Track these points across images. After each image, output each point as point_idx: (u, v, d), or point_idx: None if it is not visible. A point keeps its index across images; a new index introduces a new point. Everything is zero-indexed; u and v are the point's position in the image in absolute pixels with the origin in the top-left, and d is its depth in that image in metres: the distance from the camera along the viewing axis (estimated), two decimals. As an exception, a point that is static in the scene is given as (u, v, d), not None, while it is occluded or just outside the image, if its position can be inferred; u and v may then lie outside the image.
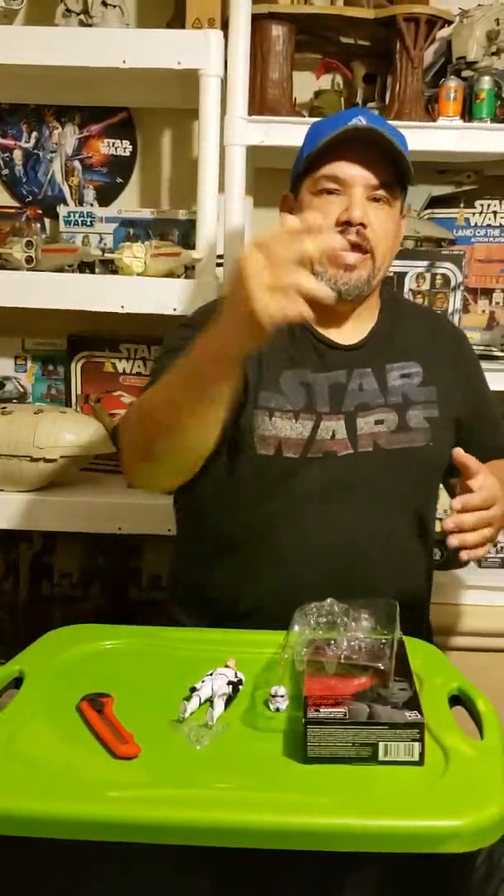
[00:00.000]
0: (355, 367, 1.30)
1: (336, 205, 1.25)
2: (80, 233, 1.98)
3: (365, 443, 1.27)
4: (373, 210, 1.26)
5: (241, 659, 1.07)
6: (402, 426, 1.29)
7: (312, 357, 1.30)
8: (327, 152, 1.25)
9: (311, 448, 1.26)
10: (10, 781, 0.88)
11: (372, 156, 1.24)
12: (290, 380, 1.28)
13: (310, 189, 1.28)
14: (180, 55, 1.67)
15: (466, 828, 0.83)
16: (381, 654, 1.01)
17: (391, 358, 1.32)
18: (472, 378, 1.42)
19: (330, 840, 0.84)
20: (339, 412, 1.28)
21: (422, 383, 1.32)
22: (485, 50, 1.81)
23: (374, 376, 1.30)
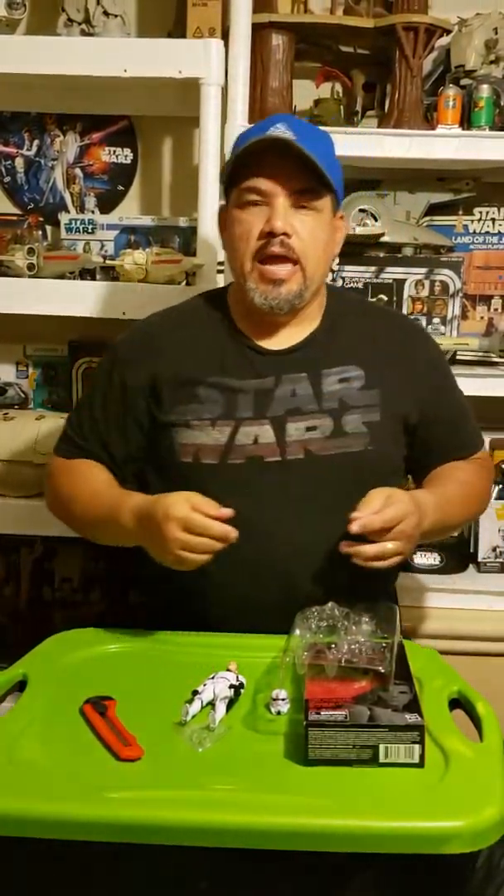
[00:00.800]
0: (287, 373, 1.29)
1: (260, 216, 1.23)
2: (81, 240, 1.99)
3: (295, 449, 1.27)
4: (298, 218, 1.24)
5: (242, 662, 1.08)
6: (337, 432, 1.27)
7: (242, 364, 1.30)
8: (248, 164, 1.23)
9: (231, 454, 1.26)
10: (15, 783, 0.89)
11: (292, 164, 1.22)
12: (212, 387, 1.29)
13: (235, 202, 1.27)
14: (181, 64, 1.69)
15: (466, 829, 0.84)
16: (382, 657, 1.02)
17: (329, 363, 1.31)
18: (429, 378, 1.37)
19: (331, 841, 0.85)
20: (264, 417, 1.27)
21: (363, 387, 1.30)
22: (483, 58, 1.82)
23: (308, 381, 1.29)
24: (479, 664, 1.68)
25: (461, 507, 1.35)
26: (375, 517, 1.12)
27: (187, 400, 1.28)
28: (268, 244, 1.23)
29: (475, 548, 1.93)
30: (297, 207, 1.24)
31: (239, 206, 1.26)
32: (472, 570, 1.92)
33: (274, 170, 1.23)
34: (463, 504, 1.35)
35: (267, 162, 1.23)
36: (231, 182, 1.27)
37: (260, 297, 1.26)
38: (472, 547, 1.94)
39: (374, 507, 1.13)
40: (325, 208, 1.27)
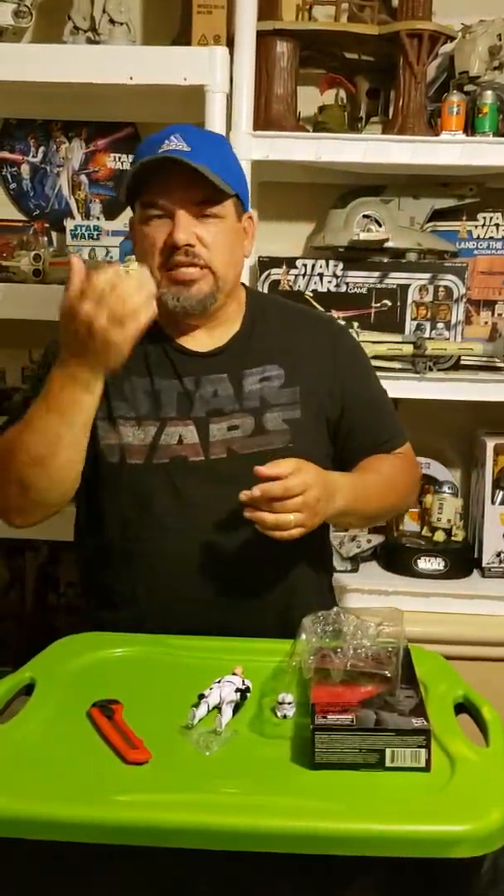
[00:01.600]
0: (208, 374, 1.31)
1: (162, 229, 1.25)
2: (86, 246, 2.00)
3: (218, 449, 1.28)
4: (202, 227, 1.25)
5: (248, 667, 1.09)
6: (258, 430, 1.29)
7: (165, 364, 1.32)
8: (145, 180, 1.25)
9: (156, 454, 1.27)
10: (23, 786, 0.89)
11: (187, 177, 1.23)
12: (137, 387, 1.30)
13: (139, 218, 1.29)
14: (186, 71, 1.70)
15: (472, 833, 0.84)
16: (388, 661, 1.02)
17: (249, 363, 1.33)
18: (345, 374, 1.38)
19: (337, 844, 0.85)
20: (188, 417, 1.29)
21: (283, 385, 1.32)
22: (487, 65, 1.83)
23: (229, 382, 1.31)
24: (484, 669, 1.69)
25: (379, 496, 1.34)
26: (276, 484, 1.13)
27: (113, 398, 1.29)
28: (173, 255, 1.25)
29: (479, 553, 1.93)
30: (200, 216, 1.26)
31: (142, 221, 1.28)
32: (476, 575, 1.93)
33: (169, 185, 1.24)
34: (382, 493, 1.35)
35: (164, 176, 1.24)
36: (132, 196, 1.29)
37: (172, 300, 1.27)
38: (476, 552, 1.94)
39: (279, 471, 1.13)
40: (227, 214, 1.29)
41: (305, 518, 1.15)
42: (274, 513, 1.13)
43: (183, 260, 1.25)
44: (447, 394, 1.80)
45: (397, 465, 1.41)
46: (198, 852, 0.85)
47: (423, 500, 1.98)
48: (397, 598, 1.82)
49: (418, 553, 1.91)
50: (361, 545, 1.94)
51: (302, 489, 1.14)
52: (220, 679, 1.05)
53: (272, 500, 1.13)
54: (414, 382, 1.80)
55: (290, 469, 1.14)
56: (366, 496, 1.31)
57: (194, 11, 1.75)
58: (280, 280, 1.88)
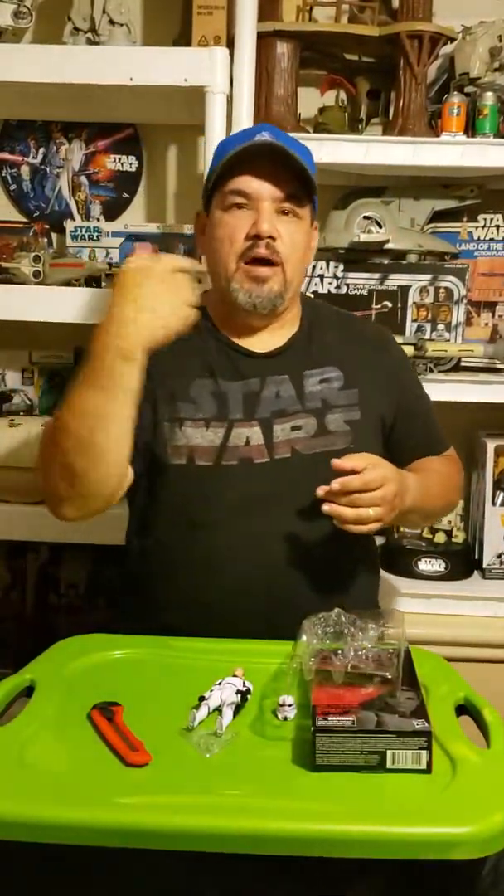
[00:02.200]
0: (271, 375, 1.32)
1: (244, 219, 1.27)
2: (86, 247, 2.00)
3: (282, 450, 1.29)
4: (282, 223, 1.27)
5: (248, 668, 1.09)
6: (321, 430, 1.30)
7: (227, 366, 1.32)
8: (233, 168, 1.27)
9: (225, 455, 1.28)
10: (23, 788, 0.89)
11: (277, 170, 1.26)
12: (202, 389, 1.30)
13: (219, 205, 1.30)
14: (187, 72, 1.69)
15: (473, 835, 0.84)
16: (388, 663, 1.02)
17: (309, 364, 1.34)
18: (398, 379, 1.42)
19: (337, 847, 0.85)
20: (253, 419, 1.29)
21: (342, 387, 1.33)
22: (487, 66, 1.83)
23: (290, 383, 1.32)
24: (485, 670, 1.68)
25: (439, 495, 1.39)
26: (355, 477, 1.14)
27: (179, 398, 1.30)
28: (253, 246, 1.26)
29: (480, 554, 1.93)
30: (281, 213, 1.28)
31: (223, 208, 1.29)
32: (476, 576, 1.92)
33: (261, 174, 1.26)
34: (440, 493, 1.39)
35: (254, 167, 1.26)
36: (215, 186, 1.30)
37: (244, 296, 1.29)
38: (476, 554, 1.94)
39: (356, 465, 1.14)
40: (305, 216, 1.31)
41: (384, 512, 1.16)
42: (354, 507, 1.14)
43: (262, 252, 1.26)
44: (448, 395, 1.79)
45: (449, 466, 1.46)
46: (198, 855, 0.85)
47: (424, 502, 1.98)
48: (398, 600, 1.82)
49: (419, 554, 1.91)
50: (362, 546, 1.94)
51: (380, 483, 1.15)
52: (220, 681, 1.04)
53: (351, 493, 1.13)
54: (414, 384, 1.80)
55: (365, 463, 1.15)
56: (429, 494, 1.34)
57: (194, 12, 1.75)
58: (280, 281, 1.88)
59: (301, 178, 1.28)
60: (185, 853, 0.85)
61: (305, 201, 1.30)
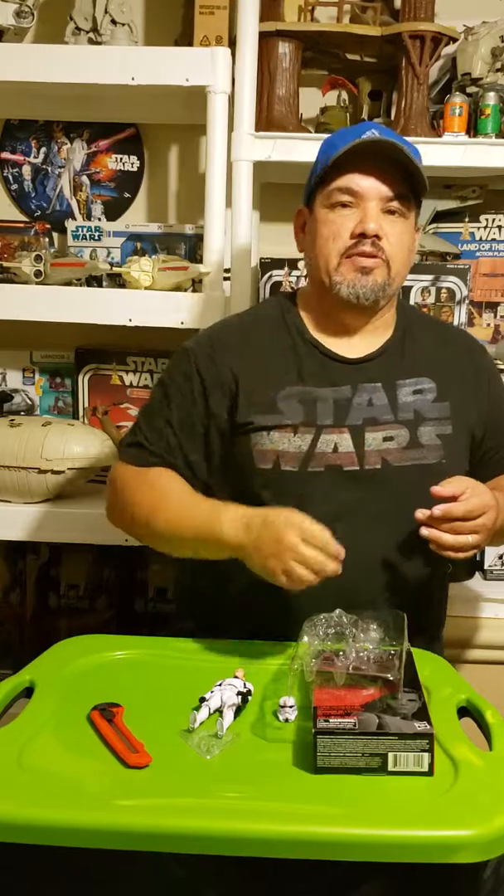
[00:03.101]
0: (363, 382, 1.30)
1: (350, 218, 1.26)
2: (87, 247, 2.00)
3: (373, 459, 1.27)
4: (388, 222, 1.26)
5: (249, 669, 1.08)
6: (413, 443, 1.27)
7: (318, 371, 1.30)
8: (340, 165, 1.25)
9: (311, 461, 1.25)
10: (22, 790, 0.88)
11: (385, 168, 1.24)
12: (291, 396, 1.28)
13: (323, 203, 1.28)
14: (188, 72, 1.69)
15: (475, 839, 0.83)
16: (390, 664, 1.02)
17: (403, 374, 1.31)
18: (490, 391, 1.38)
19: (338, 850, 0.84)
20: (343, 426, 1.27)
21: (435, 399, 1.31)
22: (489, 66, 1.82)
23: (384, 391, 1.30)
24: (486, 672, 1.68)
25: None
26: (458, 504, 1.13)
27: (266, 405, 1.27)
28: (358, 244, 1.25)
29: (482, 556, 1.92)
30: (386, 213, 1.26)
31: (328, 206, 1.27)
32: (478, 577, 1.92)
33: (369, 170, 1.25)
34: None
35: (362, 165, 1.25)
36: (319, 182, 1.28)
37: (347, 288, 1.26)
38: (478, 555, 1.94)
39: (456, 490, 1.13)
40: (411, 216, 1.30)
41: (482, 539, 1.15)
42: (454, 533, 1.13)
43: (367, 250, 1.25)
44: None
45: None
46: (198, 857, 0.84)
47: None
48: (399, 601, 1.81)
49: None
50: (363, 548, 1.93)
51: (482, 511, 1.13)
52: (221, 682, 1.04)
53: (452, 525, 1.12)
54: (416, 384, 1.79)
55: (465, 488, 1.14)
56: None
57: (196, 12, 1.75)
58: (282, 281, 1.88)
59: (408, 178, 1.26)
60: (185, 855, 0.84)
61: (412, 201, 1.29)
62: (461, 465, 1.27)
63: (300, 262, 1.87)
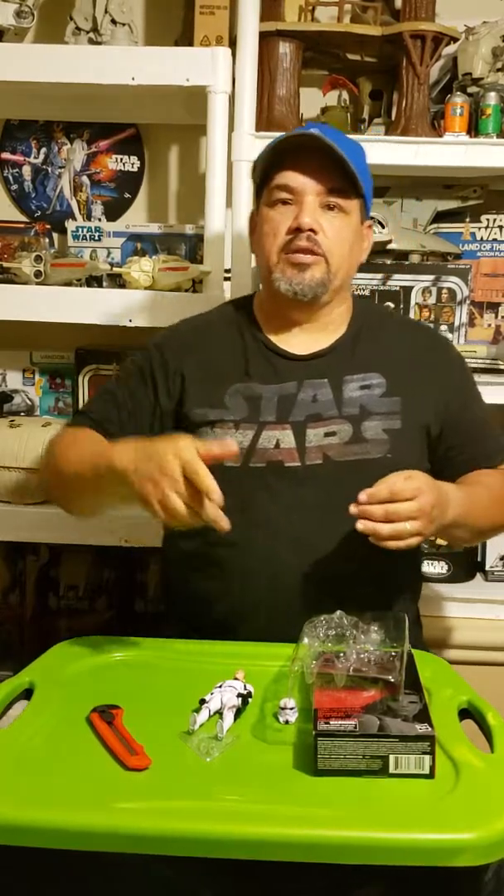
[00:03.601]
0: (309, 378, 1.31)
1: (288, 215, 1.28)
2: (87, 247, 2.00)
3: (314, 455, 1.27)
4: (326, 218, 1.27)
5: (249, 671, 1.08)
6: (356, 438, 1.27)
7: (265, 368, 1.32)
8: (279, 164, 1.28)
9: (253, 457, 1.27)
10: (21, 793, 0.88)
11: (322, 164, 1.26)
12: (236, 392, 1.30)
13: (265, 201, 1.31)
14: (188, 72, 1.69)
15: (477, 842, 0.83)
16: (391, 666, 1.01)
17: (351, 370, 1.31)
18: (450, 388, 1.37)
19: (339, 853, 0.84)
20: (286, 422, 1.28)
21: (384, 394, 1.30)
22: (490, 66, 1.82)
23: (329, 387, 1.30)
24: (488, 674, 1.67)
25: (488, 509, 1.30)
26: (381, 487, 1.08)
27: (212, 401, 1.30)
28: (295, 239, 1.27)
29: (483, 557, 1.92)
30: (325, 208, 1.28)
31: (269, 204, 1.30)
32: (479, 578, 1.92)
33: (304, 168, 1.26)
34: (490, 506, 1.30)
35: (298, 162, 1.26)
36: (261, 183, 1.31)
37: (285, 283, 1.28)
38: (479, 556, 1.93)
39: (389, 483, 1.09)
40: (353, 211, 1.30)
41: (422, 526, 1.10)
42: (389, 522, 1.08)
43: (303, 245, 1.26)
44: (450, 396, 1.79)
45: (502, 480, 1.35)
46: (198, 860, 0.84)
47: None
48: (400, 602, 1.80)
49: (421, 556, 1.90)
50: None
51: (413, 493, 1.09)
52: (221, 684, 1.04)
53: (386, 511, 1.08)
54: (417, 385, 1.79)
55: (398, 477, 1.10)
56: (476, 509, 1.27)
57: (197, 12, 1.75)
58: (282, 282, 1.87)
59: (350, 175, 1.27)
60: (184, 859, 0.84)
61: (352, 196, 1.29)
62: (412, 461, 1.25)
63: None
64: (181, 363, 1.33)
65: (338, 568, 1.24)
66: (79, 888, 0.89)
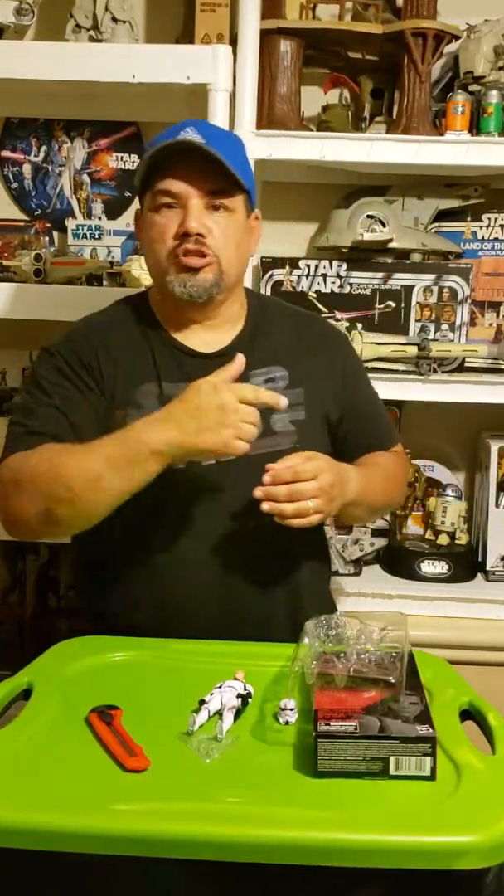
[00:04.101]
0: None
1: (173, 219, 1.27)
2: (88, 246, 1.99)
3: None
4: (212, 218, 1.27)
5: (249, 671, 1.07)
6: (266, 431, 1.28)
7: (173, 367, 1.32)
8: (161, 167, 1.26)
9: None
10: (20, 795, 0.88)
11: (203, 167, 1.25)
12: (148, 392, 1.30)
13: (149, 206, 1.30)
14: (189, 70, 1.68)
15: (479, 844, 0.82)
16: (392, 667, 1.01)
17: (255, 364, 1.32)
18: (344, 377, 1.41)
19: (339, 856, 0.83)
20: None
21: (288, 386, 1.33)
22: (492, 65, 1.82)
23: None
24: (489, 674, 1.67)
25: (383, 488, 1.39)
26: (286, 468, 1.16)
27: (127, 400, 1.30)
28: (183, 243, 1.27)
29: (483, 557, 1.91)
30: (211, 208, 1.28)
31: (153, 209, 1.29)
32: (480, 578, 1.91)
33: (185, 172, 1.26)
34: (384, 486, 1.39)
35: (178, 165, 1.26)
36: (144, 187, 1.30)
37: (179, 286, 1.28)
38: (480, 556, 1.93)
39: (291, 463, 1.17)
40: (237, 208, 1.30)
41: (323, 503, 1.17)
42: (292, 501, 1.15)
43: (192, 248, 1.26)
44: (451, 396, 1.78)
45: (394, 461, 1.46)
46: (198, 863, 0.83)
47: (427, 504, 1.97)
48: (400, 602, 1.80)
49: (422, 556, 1.89)
50: (364, 548, 1.92)
51: (314, 474, 1.16)
52: (221, 684, 1.03)
53: (289, 491, 1.15)
54: (418, 384, 1.78)
55: (300, 459, 1.18)
56: (373, 488, 1.34)
57: (197, 10, 1.74)
58: (283, 281, 1.87)
59: (226, 171, 1.26)
60: (183, 861, 0.83)
61: (236, 193, 1.29)
62: (319, 449, 1.27)
63: (301, 262, 1.86)
64: (95, 360, 1.31)
65: (252, 563, 1.28)
66: (78, 889, 0.88)
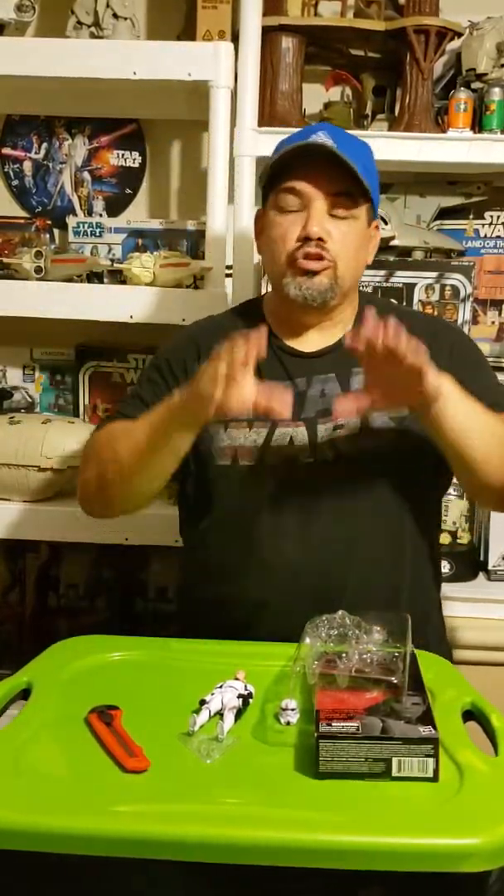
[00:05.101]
0: (317, 374, 1.32)
1: (296, 221, 1.26)
2: (88, 243, 1.99)
3: (326, 449, 1.27)
4: (333, 223, 1.27)
5: (250, 671, 1.06)
6: (364, 429, 1.27)
7: (275, 367, 1.32)
8: (288, 168, 1.27)
9: (267, 455, 1.27)
10: (18, 796, 0.87)
11: (330, 170, 1.25)
12: None
13: (273, 205, 1.30)
14: (191, 67, 1.68)
15: (482, 846, 0.81)
16: (394, 667, 1.00)
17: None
18: (458, 369, 1.31)
19: (341, 858, 0.82)
20: (299, 419, 1.28)
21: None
22: (494, 62, 1.81)
23: (337, 381, 1.31)
24: (490, 674, 1.66)
25: (489, 430, 1.22)
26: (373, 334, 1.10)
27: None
28: (303, 247, 1.26)
29: (485, 556, 1.91)
30: (333, 214, 1.27)
31: (276, 208, 1.29)
32: (481, 578, 1.91)
33: (313, 174, 1.26)
34: (492, 430, 1.22)
35: (306, 167, 1.26)
36: (269, 186, 1.30)
37: (295, 289, 1.28)
38: (482, 555, 1.92)
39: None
40: (360, 216, 1.30)
41: (419, 358, 1.11)
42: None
43: (311, 252, 1.26)
44: (453, 395, 1.78)
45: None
46: (197, 864, 0.82)
47: (429, 503, 1.96)
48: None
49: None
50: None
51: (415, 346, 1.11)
52: (221, 684, 1.02)
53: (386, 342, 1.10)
54: (420, 383, 1.78)
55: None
56: (477, 419, 1.21)
57: (199, 6, 1.74)
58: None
59: (355, 176, 1.26)
60: (183, 863, 0.82)
61: (361, 201, 1.29)
62: (422, 447, 1.25)
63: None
64: (195, 364, 1.31)
65: (353, 562, 1.25)
66: (77, 890, 0.87)
